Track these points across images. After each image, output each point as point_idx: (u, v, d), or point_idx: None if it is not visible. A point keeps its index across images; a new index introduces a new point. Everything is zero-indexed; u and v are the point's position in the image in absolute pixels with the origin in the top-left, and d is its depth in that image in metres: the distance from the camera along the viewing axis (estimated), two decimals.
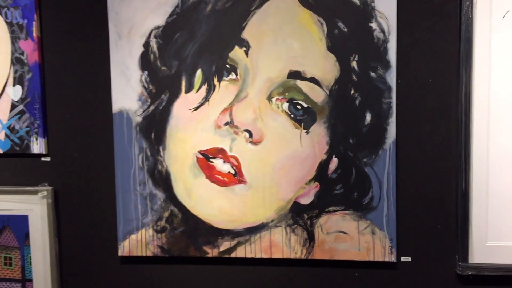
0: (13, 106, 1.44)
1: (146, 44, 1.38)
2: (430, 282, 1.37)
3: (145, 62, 1.38)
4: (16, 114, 1.44)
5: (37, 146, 1.45)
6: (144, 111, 1.40)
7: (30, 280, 1.50)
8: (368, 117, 1.32)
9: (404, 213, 1.35)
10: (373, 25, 1.30)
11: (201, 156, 1.39)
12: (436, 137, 1.32)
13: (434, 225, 1.34)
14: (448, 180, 1.33)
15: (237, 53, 1.35)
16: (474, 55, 1.28)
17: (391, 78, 1.31)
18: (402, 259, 1.37)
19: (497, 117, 1.29)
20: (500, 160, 1.29)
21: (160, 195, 1.42)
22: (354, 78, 1.32)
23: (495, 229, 1.31)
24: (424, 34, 1.31)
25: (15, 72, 1.42)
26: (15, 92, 1.43)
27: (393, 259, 1.35)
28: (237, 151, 1.37)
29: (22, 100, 1.43)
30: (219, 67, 1.36)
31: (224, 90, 1.36)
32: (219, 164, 1.38)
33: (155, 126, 1.40)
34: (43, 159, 1.46)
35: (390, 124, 1.32)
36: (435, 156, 1.33)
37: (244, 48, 1.34)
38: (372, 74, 1.31)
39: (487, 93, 1.28)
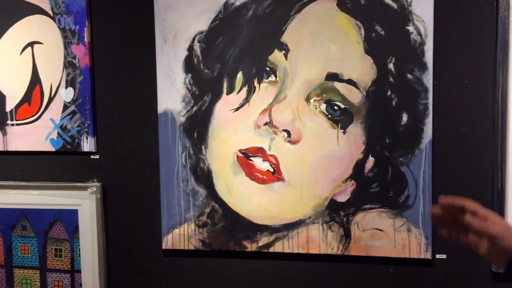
0: (65, 107, 1.52)
1: (190, 48, 1.44)
2: (465, 280, 1.38)
3: (189, 65, 1.45)
4: (68, 115, 1.52)
5: (87, 144, 1.53)
6: (187, 111, 1.46)
7: (79, 271, 1.58)
8: (405, 118, 1.35)
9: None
10: (410, 28, 1.33)
11: (241, 155, 1.44)
12: (472, 137, 1.34)
13: None
14: (484, 179, 1.34)
15: (276, 56, 1.40)
16: (510, 57, 1.30)
17: (428, 79, 1.33)
18: (437, 256, 1.39)
19: None
20: None
21: (202, 191, 1.48)
22: (391, 79, 1.35)
23: None
24: (460, 37, 1.33)
25: (68, 75, 1.51)
26: (67, 94, 1.52)
27: (428, 256, 1.38)
28: (276, 150, 1.42)
29: (73, 101, 1.52)
30: (259, 70, 1.41)
31: (264, 91, 1.41)
32: (258, 162, 1.43)
33: (197, 126, 1.46)
34: (92, 156, 1.54)
35: (426, 124, 1.34)
36: (471, 156, 1.35)
37: (284, 51, 1.39)
38: (409, 75, 1.34)
39: None
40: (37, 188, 1.56)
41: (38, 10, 1.50)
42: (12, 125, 1.55)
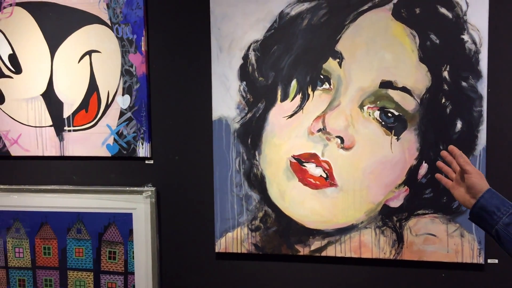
0: (122, 114, 1.55)
1: (245, 57, 1.46)
2: None
3: (244, 73, 1.47)
4: (124, 121, 1.55)
5: (142, 150, 1.55)
6: (241, 118, 1.48)
7: (132, 273, 1.60)
8: (459, 125, 1.36)
9: None
10: (465, 37, 1.34)
11: (294, 161, 1.46)
12: None
13: None
14: None
15: (330, 64, 1.41)
16: None
17: (482, 87, 1.34)
18: (489, 261, 1.39)
19: None
20: None
21: (255, 196, 1.49)
22: (445, 87, 1.36)
23: None
24: None
25: (124, 82, 1.54)
26: (124, 101, 1.55)
27: (481, 261, 1.38)
28: (329, 156, 1.43)
29: (130, 108, 1.54)
30: (313, 78, 1.43)
31: (318, 99, 1.43)
32: (311, 168, 1.45)
33: (251, 132, 1.48)
34: (147, 162, 1.57)
35: (480, 131, 1.35)
36: None
37: (338, 60, 1.41)
38: (464, 83, 1.35)
39: None
40: (93, 192, 1.59)
41: (97, 20, 1.53)
42: (69, 131, 1.58)
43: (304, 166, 1.45)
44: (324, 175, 1.44)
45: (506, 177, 1.36)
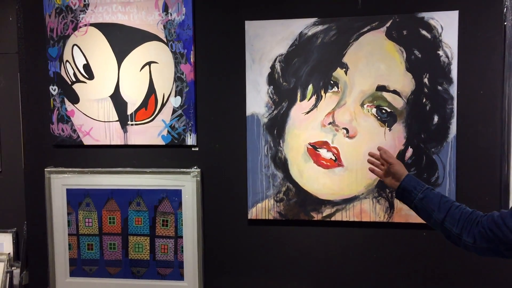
0: (174, 111, 1.92)
1: (272, 67, 1.84)
2: None
3: (271, 79, 1.84)
4: (176, 117, 1.92)
5: (190, 139, 1.92)
6: (269, 114, 1.86)
7: (181, 237, 1.97)
8: (436, 119, 1.75)
9: (461, 188, 1.76)
10: (440, 52, 1.73)
11: (310, 147, 1.84)
12: (486, 133, 1.73)
13: (484, 196, 1.75)
14: (495, 164, 1.74)
15: (338, 73, 1.80)
16: None
17: (453, 90, 1.73)
18: None
19: None
20: None
21: (279, 175, 1.87)
22: (426, 90, 1.74)
23: None
24: (477, 59, 1.72)
25: (177, 87, 1.91)
26: (176, 101, 1.92)
27: None
28: (337, 143, 1.81)
29: (180, 107, 1.91)
30: (325, 83, 1.81)
31: (329, 99, 1.81)
32: (323, 152, 1.83)
33: (277, 125, 1.86)
34: (193, 149, 1.93)
35: (452, 123, 1.74)
36: (485, 147, 1.74)
37: (344, 69, 1.79)
38: (439, 87, 1.74)
39: None
40: (150, 173, 1.95)
41: (155, 38, 1.90)
42: (132, 125, 1.95)
43: (318, 151, 1.83)
44: (334, 158, 1.82)
45: (471, 157, 1.75)
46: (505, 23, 1.69)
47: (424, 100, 1.75)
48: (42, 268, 2.04)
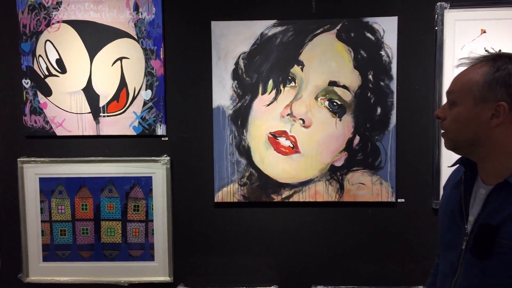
0: (145, 103, 2.04)
1: (236, 63, 2.01)
2: (416, 214, 2.03)
3: (235, 75, 2.01)
4: (147, 109, 2.04)
5: (160, 130, 2.05)
6: (233, 106, 2.03)
7: (152, 221, 2.09)
8: (379, 110, 1.99)
9: (400, 171, 2.01)
10: (382, 52, 1.97)
11: (271, 136, 2.03)
12: (420, 123, 2.00)
13: (419, 178, 2.01)
14: (428, 149, 2.00)
15: (295, 69, 1.99)
16: (443, 72, 1.96)
17: (393, 86, 1.97)
18: (399, 200, 2.03)
19: None
20: None
21: (243, 161, 2.05)
22: (370, 85, 1.98)
23: None
24: (413, 58, 1.98)
25: (147, 81, 2.03)
26: (146, 94, 2.04)
27: (393, 199, 2.02)
28: (295, 132, 2.01)
29: (151, 99, 2.04)
30: (284, 78, 2.00)
31: (287, 93, 2.00)
32: (282, 140, 2.02)
33: (240, 116, 2.03)
34: (163, 139, 2.07)
35: (392, 115, 1.98)
36: (420, 135, 2.00)
37: (301, 66, 1.99)
38: (382, 83, 1.98)
39: None
40: (121, 161, 2.06)
41: (126, 35, 2.01)
42: (104, 116, 2.05)
43: (278, 139, 2.03)
44: (292, 146, 2.02)
45: (408, 144, 2.01)
46: (436, 28, 1.95)
47: (369, 94, 1.98)
48: (15, 254, 2.10)
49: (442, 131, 1.11)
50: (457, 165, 1.20)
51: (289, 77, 1.99)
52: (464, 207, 1.09)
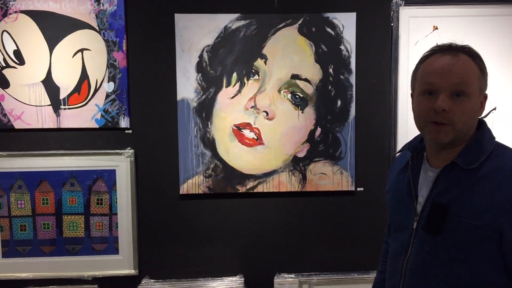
0: (107, 96, 2.00)
1: (201, 56, 2.01)
2: (374, 202, 2.10)
3: (200, 67, 2.01)
4: (109, 101, 2.01)
5: (124, 122, 2.02)
6: (198, 99, 2.02)
7: (116, 214, 2.06)
8: (339, 103, 2.05)
9: (359, 161, 2.08)
10: (342, 47, 2.02)
11: (235, 128, 2.04)
12: (378, 115, 2.07)
13: (377, 168, 2.08)
14: (384, 140, 2.08)
15: (259, 62, 2.02)
16: (399, 66, 2.04)
17: (353, 79, 2.04)
18: (358, 189, 2.10)
19: None
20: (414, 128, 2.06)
21: (208, 153, 2.05)
22: (331, 79, 2.03)
23: None
24: (371, 53, 2.05)
25: (110, 73, 1.99)
26: (109, 87, 2.00)
27: (353, 189, 2.09)
28: (259, 124, 2.04)
29: (114, 92, 2.00)
30: (247, 71, 2.02)
31: (251, 85, 2.02)
32: (247, 133, 2.04)
33: (205, 109, 2.03)
34: (127, 131, 2.04)
35: (351, 107, 2.05)
36: (377, 126, 2.07)
37: (264, 60, 2.01)
38: (341, 76, 2.03)
39: (406, 89, 2.05)
40: (84, 155, 2.01)
41: (87, 26, 1.96)
42: (65, 109, 2.00)
43: (242, 131, 2.04)
44: (256, 137, 2.04)
45: (367, 135, 2.08)
46: (392, 24, 2.03)
47: (329, 87, 2.03)
48: None
49: (442, 123, 1.03)
50: (400, 153, 1.29)
51: (253, 70, 2.01)
52: (413, 189, 1.14)
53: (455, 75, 1.03)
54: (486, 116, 2.06)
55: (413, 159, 1.18)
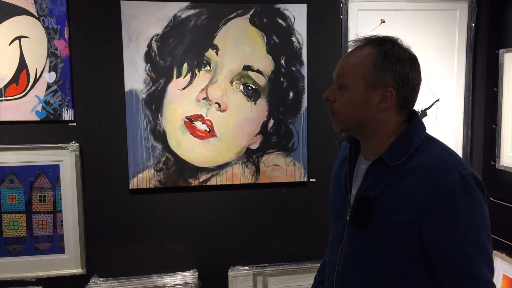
0: (49, 86, 1.84)
1: (149, 46, 1.89)
2: (326, 193, 2.08)
3: (148, 57, 1.89)
4: (51, 92, 1.85)
5: (67, 115, 1.87)
6: (147, 90, 1.91)
7: (60, 211, 1.92)
8: (291, 94, 2.00)
9: (312, 152, 2.05)
10: (293, 38, 1.98)
11: (187, 120, 1.95)
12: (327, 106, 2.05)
13: (328, 158, 2.06)
14: (336, 131, 2.06)
15: (210, 53, 1.93)
16: None
17: (304, 71, 2.00)
18: (311, 179, 2.07)
19: None
20: None
21: (159, 146, 1.94)
22: (283, 70, 1.98)
23: None
24: (321, 45, 2.02)
25: (51, 62, 1.83)
26: (50, 77, 1.84)
27: (305, 179, 2.06)
28: (211, 116, 1.95)
29: (56, 82, 1.85)
30: (198, 62, 1.93)
31: (202, 76, 1.93)
32: (199, 125, 1.95)
33: (155, 100, 1.92)
34: (70, 124, 1.89)
35: (303, 98, 2.01)
36: (328, 118, 2.05)
37: (215, 50, 1.93)
38: (293, 68, 1.99)
39: None
40: (23, 149, 1.84)
41: (25, 12, 1.79)
42: (2, 100, 1.82)
43: (194, 123, 1.95)
44: (208, 130, 1.96)
45: (319, 126, 2.05)
46: (341, 17, 2.01)
47: (282, 79, 1.99)
48: None
49: (332, 112, 1.10)
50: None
51: (204, 61, 1.92)
52: (348, 181, 1.13)
53: (338, 68, 1.08)
54: (429, 107, 2.10)
55: (351, 150, 1.16)
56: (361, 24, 2.02)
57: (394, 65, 1.01)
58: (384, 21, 2.04)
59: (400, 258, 1.01)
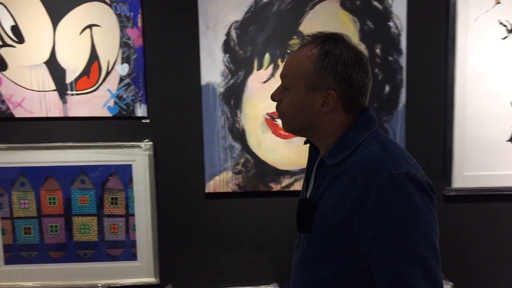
0: (121, 80, 1.67)
1: (228, 34, 1.66)
2: None
3: (227, 47, 1.67)
4: (124, 86, 1.67)
5: (140, 110, 1.69)
6: (225, 83, 1.69)
7: (133, 215, 1.75)
8: (387, 88, 1.71)
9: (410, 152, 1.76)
10: (391, 23, 1.68)
11: (268, 117, 1.71)
12: (431, 102, 1.74)
13: (429, 161, 1.76)
14: (439, 131, 1.75)
15: (295, 42, 1.67)
16: (456, 46, 1.70)
17: (403, 61, 1.69)
18: None
19: (472, 85, 1.72)
20: (474, 117, 1.74)
21: (237, 146, 1.72)
22: (378, 60, 1.69)
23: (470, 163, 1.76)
24: (424, 31, 1.70)
25: (123, 53, 1.65)
26: (123, 69, 1.66)
27: None
28: None
29: (128, 75, 1.66)
30: (282, 52, 1.67)
31: None
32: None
33: (233, 95, 1.69)
34: (144, 121, 1.71)
35: (401, 93, 1.71)
36: (431, 115, 1.74)
37: (301, 38, 1.67)
38: (390, 58, 1.69)
39: (464, 71, 1.71)
40: (95, 147, 1.69)
41: None
42: (72, 95, 1.66)
43: (276, 121, 1.71)
44: None
45: (419, 123, 1.75)
46: None
47: (376, 70, 1.70)
48: None
49: (279, 114, 1.03)
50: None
51: (288, 51, 1.67)
52: (306, 182, 1.09)
53: (283, 67, 1.03)
54: None
55: (311, 151, 1.09)
56: (472, 6, 1.69)
57: (335, 66, 0.94)
58: (499, 2, 1.70)
59: (341, 262, 0.93)
